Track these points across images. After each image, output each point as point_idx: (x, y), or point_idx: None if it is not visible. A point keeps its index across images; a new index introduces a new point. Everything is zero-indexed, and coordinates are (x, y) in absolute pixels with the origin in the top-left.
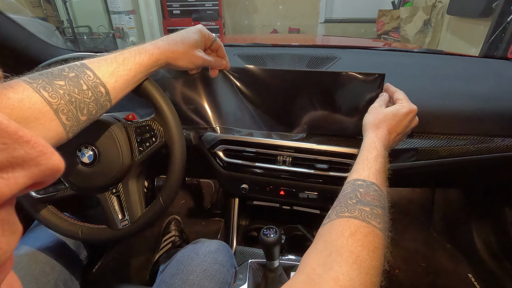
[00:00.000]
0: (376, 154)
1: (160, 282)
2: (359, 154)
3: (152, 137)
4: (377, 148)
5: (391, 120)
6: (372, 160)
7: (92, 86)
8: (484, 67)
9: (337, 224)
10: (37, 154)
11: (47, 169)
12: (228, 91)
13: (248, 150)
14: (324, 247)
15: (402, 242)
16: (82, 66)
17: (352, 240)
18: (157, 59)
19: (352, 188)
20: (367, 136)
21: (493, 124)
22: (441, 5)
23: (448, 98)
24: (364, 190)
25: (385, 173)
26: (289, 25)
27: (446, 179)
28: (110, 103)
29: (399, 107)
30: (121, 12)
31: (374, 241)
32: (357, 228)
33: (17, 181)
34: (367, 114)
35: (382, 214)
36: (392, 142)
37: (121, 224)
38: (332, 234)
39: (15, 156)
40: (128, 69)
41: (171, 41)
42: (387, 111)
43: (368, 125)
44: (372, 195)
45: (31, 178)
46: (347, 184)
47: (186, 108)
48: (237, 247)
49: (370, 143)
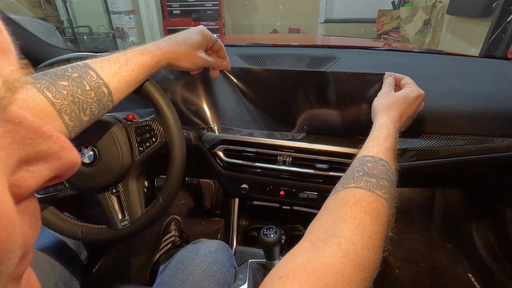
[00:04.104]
0: (387, 133)
1: (160, 282)
2: (370, 135)
3: (152, 137)
4: (388, 129)
5: (402, 103)
6: (382, 139)
7: (95, 87)
8: (484, 67)
9: (342, 194)
10: (59, 148)
11: (67, 162)
12: (228, 92)
13: (248, 150)
14: (329, 215)
15: (402, 242)
16: (85, 67)
17: (356, 207)
18: (159, 60)
19: (360, 162)
20: (378, 118)
21: (493, 124)
22: (441, 5)
23: (448, 98)
24: (372, 165)
25: (395, 152)
26: (289, 25)
27: (446, 179)
28: (112, 103)
29: (409, 91)
30: (121, 12)
31: (378, 208)
32: (361, 197)
33: (41, 174)
34: (377, 98)
35: (388, 186)
36: (402, 125)
37: (121, 224)
38: (337, 204)
39: (39, 150)
40: (131, 69)
41: (173, 42)
42: (398, 94)
43: (378, 108)
44: (380, 169)
45: (53, 171)
46: (356, 160)
47: (187, 108)
48: (237, 247)
49: (382, 124)
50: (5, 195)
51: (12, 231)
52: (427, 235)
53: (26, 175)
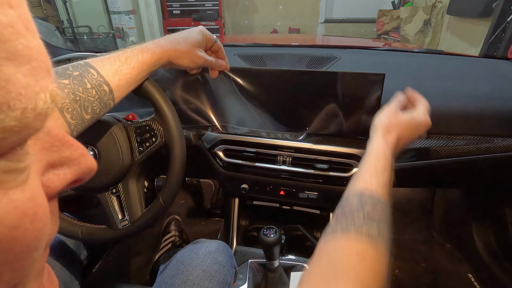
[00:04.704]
0: (385, 163)
1: (160, 282)
2: (366, 157)
3: (152, 137)
4: (386, 157)
5: (405, 128)
6: (380, 170)
7: (96, 85)
8: (484, 67)
9: (343, 244)
10: (79, 155)
11: (85, 167)
12: (228, 90)
13: (248, 150)
14: (329, 267)
15: (402, 242)
16: (85, 65)
17: (359, 267)
18: (159, 57)
19: (359, 200)
20: (376, 139)
21: (493, 124)
22: (441, 5)
23: (448, 98)
24: (372, 206)
25: (391, 185)
26: (289, 25)
27: (446, 179)
28: (114, 101)
29: (416, 115)
30: (121, 12)
31: (380, 268)
32: (365, 253)
33: (65, 177)
34: (382, 114)
35: (387, 234)
36: (398, 151)
37: (121, 224)
38: (337, 253)
39: (63, 156)
40: (131, 67)
41: (173, 40)
42: (403, 117)
43: (379, 126)
44: (379, 212)
45: (75, 175)
46: (354, 193)
47: (187, 107)
48: (237, 247)
49: (380, 149)
50: (41, 191)
51: (46, 223)
52: (427, 235)
53: (53, 177)
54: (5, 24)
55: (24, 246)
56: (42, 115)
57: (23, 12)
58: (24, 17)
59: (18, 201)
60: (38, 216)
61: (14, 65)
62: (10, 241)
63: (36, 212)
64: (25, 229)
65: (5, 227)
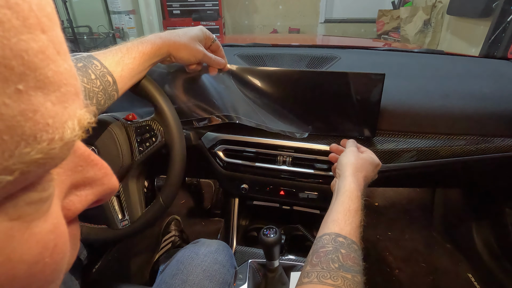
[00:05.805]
0: (357, 205)
1: (160, 282)
2: (339, 197)
3: (152, 137)
4: (359, 199)
5: (368, 167)
6: (353, 213)
7: (100, 75)
8: (484, 67)
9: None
10: (102, 175)
11: (108, 188)
12: (228, 87)
13: (248, 150)
14: None
15: (402, 242)
16: (89, 57)
17: None
18: (159, 48)
19: (334, 246)
20: (348, 180)
21: (493, 124)
22: (441, 5)
23: (448, 98)
24: (346, 251)
25: (361, 227)
26: (289, 25)
27: (446, 179)
28: (117, 93)
29: (373, 156)
30: (121, 12)
31: None
32: None
33: (87, 198)
34: (348, 156)
35: (361, 281)
36: (364, 189)
37: (121, 224)
38: None
39: (87, 177)
40: (133, 57)
41: (173, 33)
42: (366, 157)
43: (349, 165)
44: (353, 257)
45: (96, 195)
46: (329, 238)
47: (186, 101)
48: (237, 247)
49: (352, 190)
50: (63, 219)
51: (66, 253)
52: (427, 235)
53: (74, 199)
54: (36, 51)
55: (42, 281)
56: (69, 145)
57: (55, 35)
58: (56, 40)
59: (40, 234)
60: (59, 248)
61: (43, 93)
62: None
63: (56, 244)
64: (44, 264)
65: (24, 264)
